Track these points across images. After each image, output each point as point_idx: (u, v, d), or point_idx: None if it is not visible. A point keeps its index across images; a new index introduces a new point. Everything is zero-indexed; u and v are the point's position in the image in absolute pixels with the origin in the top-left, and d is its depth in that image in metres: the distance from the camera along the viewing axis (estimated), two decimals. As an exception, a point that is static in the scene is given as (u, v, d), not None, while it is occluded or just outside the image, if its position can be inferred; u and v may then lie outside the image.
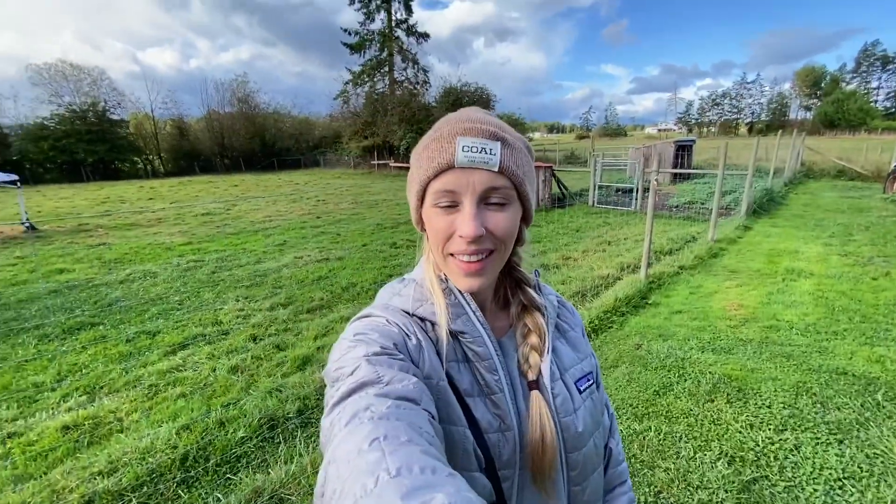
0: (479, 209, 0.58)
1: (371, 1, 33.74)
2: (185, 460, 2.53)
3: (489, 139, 0.58)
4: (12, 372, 3.80)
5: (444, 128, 0.60)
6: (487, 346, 0.62)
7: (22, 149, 30.54)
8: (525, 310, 0.69)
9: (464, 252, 0.59)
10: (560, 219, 10.14)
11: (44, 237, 10.00)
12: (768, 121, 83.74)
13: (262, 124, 39.38)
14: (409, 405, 0.48)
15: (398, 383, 0.50)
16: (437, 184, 0.59)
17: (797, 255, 6.14)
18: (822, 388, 2.84)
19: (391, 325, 0.61)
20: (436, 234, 0.60)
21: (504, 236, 0.60)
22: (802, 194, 12.30)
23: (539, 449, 0.60)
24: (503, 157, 0.58)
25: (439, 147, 0.58)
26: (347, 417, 0.45)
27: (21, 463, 2.63)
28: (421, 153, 0.61)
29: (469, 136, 0.57)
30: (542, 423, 0.61)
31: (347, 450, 0.41)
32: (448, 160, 0.57)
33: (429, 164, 0.59)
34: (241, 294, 5.57)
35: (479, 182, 0.57)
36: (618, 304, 4.54)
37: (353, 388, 0.49)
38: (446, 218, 0.59)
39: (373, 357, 0.53)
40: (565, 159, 28.44)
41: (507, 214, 0.59)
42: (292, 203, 14.29)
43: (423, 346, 0.60)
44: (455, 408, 0.58)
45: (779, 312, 4.23)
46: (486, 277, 0.61)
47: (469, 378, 0.61)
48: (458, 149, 0.57)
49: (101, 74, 35.19)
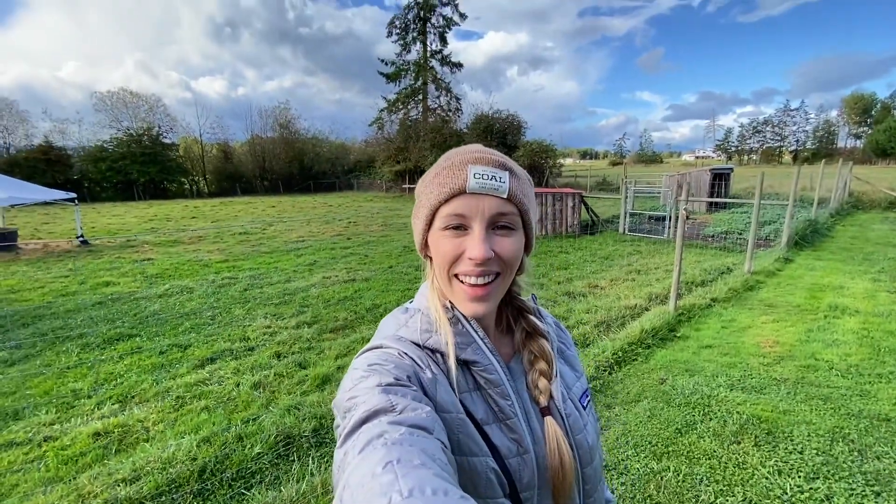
0: (488, 234, 0.61)
1: (408, 33, 35.12)
2: (203, 472, 2.60)
3: (498, 168, 0.61)
4: (55, 378, 4.04)
5: (454, 157, 0.63)
6: (499, 374, 0.64)
7: (82, 169, 33.05)
8: (529, 336, 0.71)
9: (470, 273, 0.61)
10: (589, 245, 9.99)
11: (95, 251, 10.69)
12: (814, 149, 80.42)
13: (301, 149, 41.18)
14: (422, 433, 0.48)
15: (411, 412, 0.51)
16: (448, 208, 0.61)
17: (842, 291, 5.80)
18: (860, 435, 2.65)
19: (404, 357, 0.61)
20: (443, 256, 0.62)
21: (510, 260, 0.62)
22: (850, 226, 11.66)
23: (559, 473, 0.62)
24: (511, 186, 0.61)
25: (451, 174, 0.61)
26: (361, 445, 0.46)
27: (53, 466, 2.78)
28: (431, 180, 0.64)
29: (480, 164, 0.61)
30: (559, 448, 0.63)
31: (362, 474, 0.42)
32: (460, 185, 0.60)
33: (440, 189, 0.61)
34: (269, 311, 5.75)
35: (489, 207, 0.60)
36: (644, 335, 4.41)
37: (366, 416, 0.50)
38: (454, 241, 0.61)
39: (387, 387, 0.54)
40: (597, 185, 28.15)
41: (513, 240, 0.62)
42: (325, 224, 14.73)
43: (438, 378, 0.61)
44: (475, 438, 0.59)
45: (818, 351, 3.99)
46: (490, 302, 0.63)
47: (483, 406, 0.62)
48: (469, 175, 0.60)
49: (157, 101, 38.03)
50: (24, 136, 35.57)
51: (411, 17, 34.88)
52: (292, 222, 15.24)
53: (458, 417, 0.58)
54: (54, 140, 34.27)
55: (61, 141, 35.02)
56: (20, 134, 35.49)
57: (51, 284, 7.40)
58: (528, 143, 29.92)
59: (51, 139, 34.07)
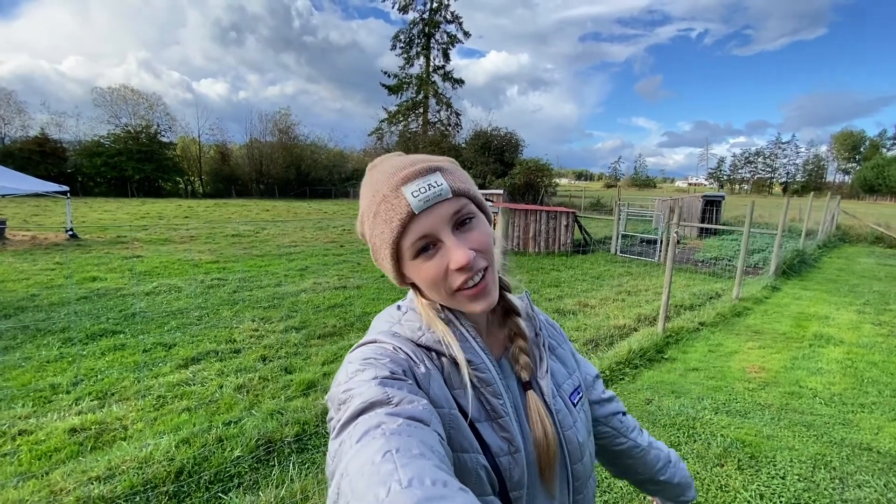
0: (457, 236, 0.60)
1: (412, 48, 35.71)
2: (180, 474, 2.55)
3: (429, 174, 0.59)
4: (34, 371, 3.96)
5: (381, 187, 0.61)
6: (491, 372, 0.63)
7: (77, 163, 32.79)
8: (506, 314, 0.73)
9: (466, 282, 0.60)
10: (581, 265, 10.06)
11: (83, 246, 10.55)
12: (804, 181, 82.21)
13: (298, 155, 41.21)
14: (419, 425, 0.48)
15: (408, 404, 0.50)
16: (408, 238, 0.59)
17: (827, 321, 5.88)
18: (842, 463, 2.66)
19: (398, 352, 0.61)
20: (432, 279, 0.61)
21: (486, 247, 0.62)
22: (837, 258, 11.86)
23: (543, 444, 0.63)
24: (448, 182, 0.60)
25: (389, 206, 0.59)
26: (359, 435, 0.46)
27: (26, 461, 2.71)
28: (373, 220, 0.62)
29: (410, 181, 0.59)
30: (541, 419, 0.64)
31: (360, 462, 0.42)
32: (406, 212, 0.58)
33: (388, 225, 0.59)
34: (257, 315, 5.69)
35: (444, 214, 0.59)
36: (631, 355, 4.42)
37: (363, 407, 0.50)
38: (433, 262, 0.60)
39: (383, 380, 0.54)
40: (591, 206, 28.45)
41: (479, 229, 0.62)
42: (318, 231, 14.69)
43: (432, 374, 0.61)
44: (467, 434, 0.58)
45: (802, 379, 4.03)
46: (492, 292, 0.63)
47: (476, 404, 0.62)
48: (408, 197, 0.58)
49: (157, 100, 37.96)
50: (21, 126, 35.29)
51: (416, 33, 35.52)
52: (286, 226, 15.19)
53: (450, 413, 0.58)
54: (51, 132, 34.08)
55: (58, 134, 34.84)
56: (16, 125, 35.22)
57: (36, 276, 7.28)
58: (524, 162, 30.23)
59: (47, 131, 33.86)
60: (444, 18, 35.35)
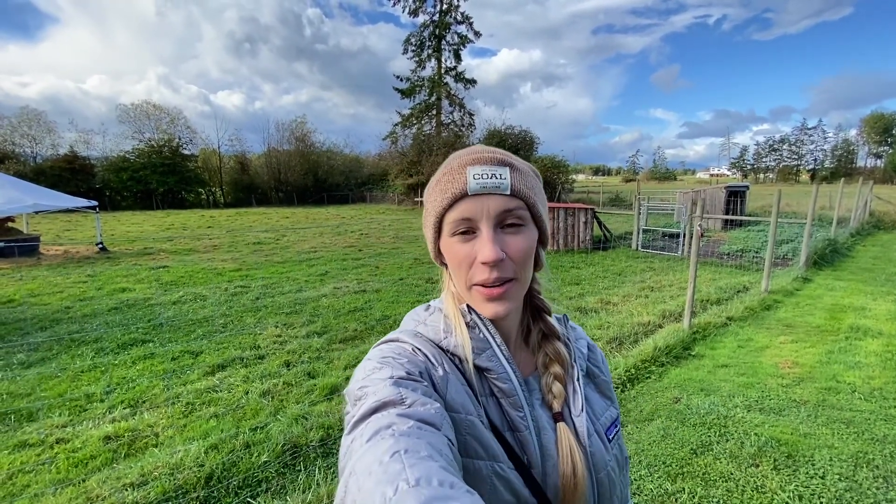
0: (497, 233, 0.59)
1: (423, 50, 35.79)
2: (210, 479, 2.59)
3: (498, 165, 0.60)
4: (69, 381, 4.10)
5: (452, 162, 0.63)
6: (513, 383, 0.62)
7: (104, 178, 33.96)
8: (545, 338, 0.70)
9: (486, 280, 0.59)
10: (601, 262, 9.90)
11: (113, 258, 10.91)
12: (833, 168, 79.21)
13: (315, 161, 41.83)
14: (430, 428, 0.48)
15: (420, 406, 0.50)
16: (453, 213, 0.60)
17: (864, 312, 5.64)
18: (885, 461, 2.54)
19: (417, 353, 0.61)
20: (458, 263, 0.61)
21: (522, 259, 0.61)
22: (871, 246, 11.38)
23: (571, 482, 0.59)
24: (513, 180, 0.60)
25: (451, 179, 0.61)
26: (369, 434, 0.46)
27: (64, 468, 2.80)
28: (433, 188, 0.64)
29: (478, 164, 0.60)
30: (571, 456, 0.61)
31: (368, 461, 0.42)
32: (461, 189, 0.59)
33: (442, 196, 0.61)
34: (280, 321, 5.78)
35: (494, 207, 0.59)
36: (657, 353, 4.32)
37: (375, 406, 0.50)
38: (465, 246, 0.60)
39: (398, 380, 0.54)
40: (609, 202, 28.04)
41: (523, 237, 0.61)
42: (337, 236, 14.85)
43: (450, 377, 0.60)
44: (483, 441, 0.57)
45: (840, 373, 3.87)
46: (509, 302, 0.61)
47: (497, 413, 0.61)
48: (469, 177, 0.59)
49: (178, 114, 39.07)
50: (51, 145, 36.73)
51: (427, 35, 35.58)
52: (305, 233, 15.40)
53: (466, 419, 0.57)
54: (79, 150, 35.38)
55: (86, 151, 36.15)
56: (47, 144, 36.65)
57: (69, 289, 7.56)
58: (540, 159, 29.98)
59: (76, 149, 35.18)
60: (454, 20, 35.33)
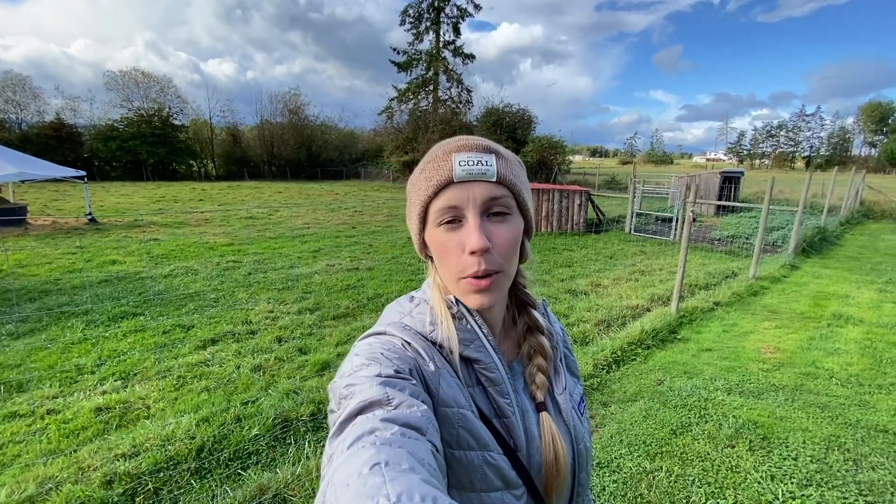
0: (483, 221, 0.59)
1: (421, 22, 34.79)
2: (201, 451, 2.64)
3: (483, 152, 0.60)
4: (59, 353, 4.10)
5: (437, 150, 0.62)
6: (500, 372, 0.63)
7: (93, 147, 33.16)
8: (530, 331, 0.71)
9: (475, 272, 0.59)
10: (594, 244, 9.95)
11: (102, 229, 10.78)
12: (828, 155, 79.37)
13: (309, 135, 41.05)
14: (414, 434, 0.47)
15: (406, 408, 0.50)
16: (439, 202, 0.60)
17: (847, 300, 5.76)
18: (856, 445, 2.64)
19: (407, 347, 0.60)
20: (445, 253, 0.61)
21: (508, 250, 0.60)
22: (860, 235, 11.53)
23: (553, 469, 0.62)
24: (499, 167, 0.60)
25: (436, 166, 0.60)
26: (351, 440, 0.45)
27: (55, 438, 2.83)
28: (418, 177, 0.63)
29: (464, 151, 0.60)
30: (553, 443, 0.63)
31: (347, 472, 0.41)
32: (447, 176, 0.59)
33: (427, 184, 0.60)
34: (272, 296, 5.79)
35: (480, 194, 0.59)
36: (644, 336, 4.40)
37: (361, 406, 0.49)
38: (452, 235, 0.60)
39: (386, 378, 0.53)
40: (605, 184, 27.96)
41: (509, 226, 0.61)
42: (331, 212, 14.75)
43: (442, 372, 0.60)
44: (474, 432, 0.58)
45: (819, 359, 3.97)
46: (495, 293, 0.61)
47: (484, 402, 0.62)
48: (454, 164, 0.59)
49: (168, 83, 37.87)
50: (37, 112, 35.62)
51: (425, 6, 34.52)
52: (298, 209, 15.27)
53: (458, 412, 0.58)
54: (66, 117, 34.39)
55: (73, 118, 35.10)
56: (32, 110, 35.53)
57: (58, 260, 7.49)
58: (537, 139, 29.65)
59: (62, 116, 34.20)
60: (454, -9, 34.33)
